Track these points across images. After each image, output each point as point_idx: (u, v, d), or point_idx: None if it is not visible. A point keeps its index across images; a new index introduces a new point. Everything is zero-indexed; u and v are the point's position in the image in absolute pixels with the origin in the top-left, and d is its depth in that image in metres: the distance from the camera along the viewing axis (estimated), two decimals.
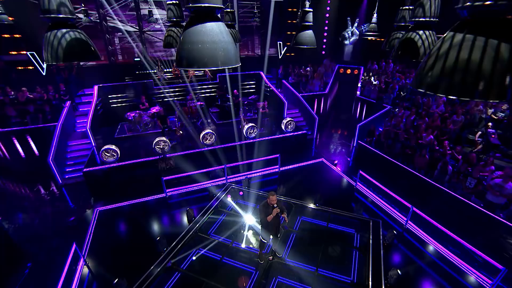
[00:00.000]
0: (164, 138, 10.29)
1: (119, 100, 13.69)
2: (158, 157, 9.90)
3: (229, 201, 8.12)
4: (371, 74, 15.51)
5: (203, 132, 10.84)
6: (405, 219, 7.27)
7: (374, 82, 14.52)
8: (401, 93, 13.23)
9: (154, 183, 8.84)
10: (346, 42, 18.93)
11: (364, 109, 14.46)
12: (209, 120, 12.25)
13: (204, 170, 9.17)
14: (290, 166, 10.40)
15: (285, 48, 17.39)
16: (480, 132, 9.36)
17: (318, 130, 13.78)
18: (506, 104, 10.09)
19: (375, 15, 14.31)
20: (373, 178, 8.51)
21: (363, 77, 15.85)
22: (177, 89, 14.61)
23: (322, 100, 15.96)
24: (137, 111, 12.19)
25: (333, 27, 18.55)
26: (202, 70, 15.79)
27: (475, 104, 10.34)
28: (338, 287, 5.59)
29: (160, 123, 11.84)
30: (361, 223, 7.31)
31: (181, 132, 11.74)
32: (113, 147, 9.05)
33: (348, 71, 17.75)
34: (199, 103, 13.23)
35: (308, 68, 16.88)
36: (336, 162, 10.97)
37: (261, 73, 16.64)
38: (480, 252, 5.92)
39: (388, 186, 8.12)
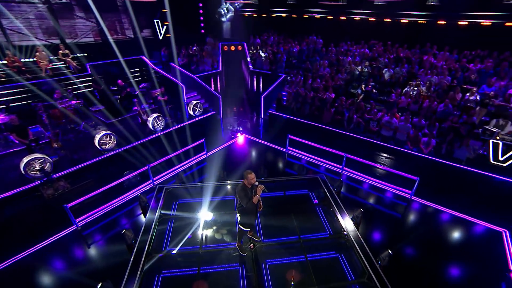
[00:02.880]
0: (38, 155, 7.33)
1: None
2: (40, 181, 6.95)
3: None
4: (258, 47, 16.07)
5: (98, 136, 8.39)
6: (340, 166, 8.07)
7: (263, 55, 15.13)
8: (291, 60, 14.41)
9: (47, 218, 6.18)
10: (223, 19, 18.71)
11: (261, 80, 14.97)
12: (93, 122, 9.59)
13: (121, 180, 7.10)
14: (216, 149, 9.59)
15: (164, 27, 15.51)
16: (363, 85, 11.40)
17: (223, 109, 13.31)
18: (367, 61, 12.67)
19: None
20: (293, 141, 8.97)
21: (250, 51, 16.23)
22: (20, 89, 10.50)
23: (218, 79, 15.43)
24: None
25: (210, 5, 17.88)
26: (63, 59, 12.00)
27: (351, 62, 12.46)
28: (322, 245, 5.63)
29: (18, 137, 8.22)
30: (310, 182, 7.61)
31: (59, 143, 8.67)
32: None
33: (232, 48, 17.75)
34: (74, 102, 10.06)
35: (194, 48, 15.79)
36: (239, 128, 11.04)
37: (143, 57, 14.32)
38: (396, 171, 7.30)
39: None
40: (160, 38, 15.91)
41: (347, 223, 6.02)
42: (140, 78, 14.40)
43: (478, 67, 10.30)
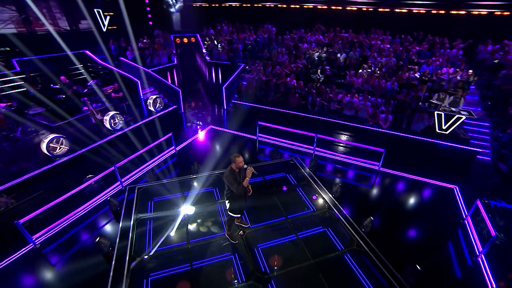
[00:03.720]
0: None
1: None
2: None
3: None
4: (213, 37, 15.62)
5: (46, 141, 7.35)
6: (312, 147, 8.34)
7: (219, 46, 14.77)
8: (248, 49, 14.33)
9: None
10: (172, 9, 17.80)
11: (220, 71, 14.63)
12: (32, 129, 8.36)
13: (81, 187, 6.33)
14: (185, 143, 9.15)
15: (108, 18, 14.12)
16: (318, 70, 11.85)
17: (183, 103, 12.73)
18: (324, 47, 13.23)
19: None
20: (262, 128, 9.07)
21: (205, 42, 15.73)
22: None
23: (175, 72, 14.69)
24: None
25: None
26: None
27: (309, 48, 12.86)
28: (309, 222, 5.77)
29: None
30: (285, 165, 7.73)
31: None
32: None
33: (185, 40, 17.06)
34: (2, 104, 8.63)
35: (145, 40, 14.70)
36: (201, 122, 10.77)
37: (87, 52, 12.90)
38: (365, 146, 7.83)
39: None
40: (104, 29, 14.44)
41: (328, 198, 6.27)
42: (85, 76, 12.93)
43: (417, 49, 11.47)
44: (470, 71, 10.08)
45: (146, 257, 4.90)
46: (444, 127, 8.65)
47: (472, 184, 7.45)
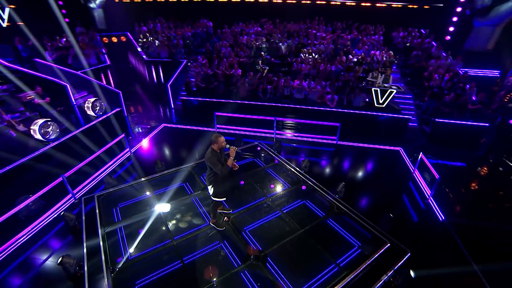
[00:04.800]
0: None
1: None
2: None
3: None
4: (148, 35, 14.59)
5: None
6: (273, 131, 8.57)
7: (157, 42, 13.89)
8: (188, 44, 13.86)
9: None
10: (92, 5, 16.07)
11: (161, 69, 13.77)
12: None
13: (14, 211, 5.27)
14: (139, 144, 8.41)
15: (7, 10, 11.90)
16: (260, 61, 12.18)
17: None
18: (263, 38, 13.61)
19: None
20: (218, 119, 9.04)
21: (140, 40, 14.63)
22: None
23: (110, 73, 13.28)
24: None
25: None
26: None
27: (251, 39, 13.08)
28: (287, 197, 5.95)
29: None
30: (251, 150, 7.79)
31: None
32: None
33: (114, 39, 15.63)
34: None
35: (65, 40, 12.89)
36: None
37: None
38: (322, 122, 8.43)
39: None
40: (4, 25, 12.10)
41: (299, 174, 6.55)
42: None
43: (350, 36, 12.79)
44: (391, 52, 11.68)
45: (123, 260, 4.36)
46: (381, 101, 9.85)
47: (409, 146, 8.69)
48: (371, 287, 4.04)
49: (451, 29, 13.42)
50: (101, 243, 4.64)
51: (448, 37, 13.51)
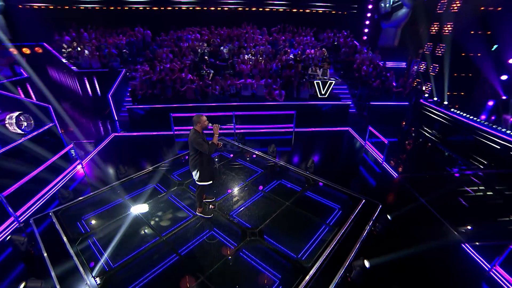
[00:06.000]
0: None
1: None
2: None
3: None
4: (75, 45, 13.18)
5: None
6: (232, 126, 8.69)
7: (86, 52, 12.67)
8: (124, 53, 13.06)
9: None
10: None
11: (96, 81, 12.54)
12: None
13: None
14: (90, 155, 7.51)
15: None
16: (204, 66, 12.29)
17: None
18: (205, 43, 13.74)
19: None
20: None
21: (64, 50, 13.14)
22: None
23: (30, 87, 11.53)
24: None
25: None
26: None
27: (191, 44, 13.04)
28: (264, 180, 6.13)
29: None
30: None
31: None
32: None
33: (26, 51, 13.66)
34: None
35: None
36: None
37: None
38: (279, 112, 8.93)
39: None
40: None
41: (268, 158, 6.82)
42: None
43: (283, 37, 13.89)
44: (324, 49, 13.12)
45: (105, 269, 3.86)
46: (323, 92, 10.93)
47: (355, 127, 9.84)
48: (359, 237, 4.46)
49: (366, 30, 15.84)
50: (75, 258, 4.00)
51: (365, 37, 15.89)
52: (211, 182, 4.57)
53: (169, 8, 15.58)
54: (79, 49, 12.92)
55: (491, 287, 3.86)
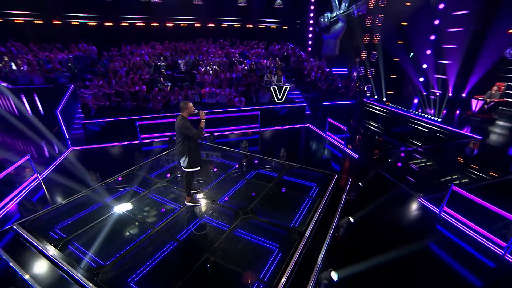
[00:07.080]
0: None
1: None
2: None
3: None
4: (6, 59, 11.89)
5: None
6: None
7: (24, 68, 11.55)
8: (72, 68, 12.30)
9: None
10: None
11: (37, 98, 11.39)
12: None
13: None
14: (50, 167, 6.83)
15: None
16: (161, 78, 12.30)
17: None
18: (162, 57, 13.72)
19: None
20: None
21: None
22: None
23: None
24: None
25: None
26: None
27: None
28: (242, 172, 6.39)
29: None
30: None
31: None
32: None
33: None
34: None
35: None
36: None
37: None
38: (246, 113, 9.39)
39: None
40: None
41: (243, 153, 7.18)
42: None
43: (238, 50, 14.70)
44: (277, 59, 14.23)
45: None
46: (280, 97, 11.80)
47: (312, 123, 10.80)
48: (339, 204, 5.02)
49: (310, 42, 17.66)
50: (62, 262, 3.70)
51: (310, 48, 17.67)
52: (199, 168, 4.69)
53: (123, 24, 15.30)
54: (14, 63, 11.72)
55: (442, 225, 4.75)
